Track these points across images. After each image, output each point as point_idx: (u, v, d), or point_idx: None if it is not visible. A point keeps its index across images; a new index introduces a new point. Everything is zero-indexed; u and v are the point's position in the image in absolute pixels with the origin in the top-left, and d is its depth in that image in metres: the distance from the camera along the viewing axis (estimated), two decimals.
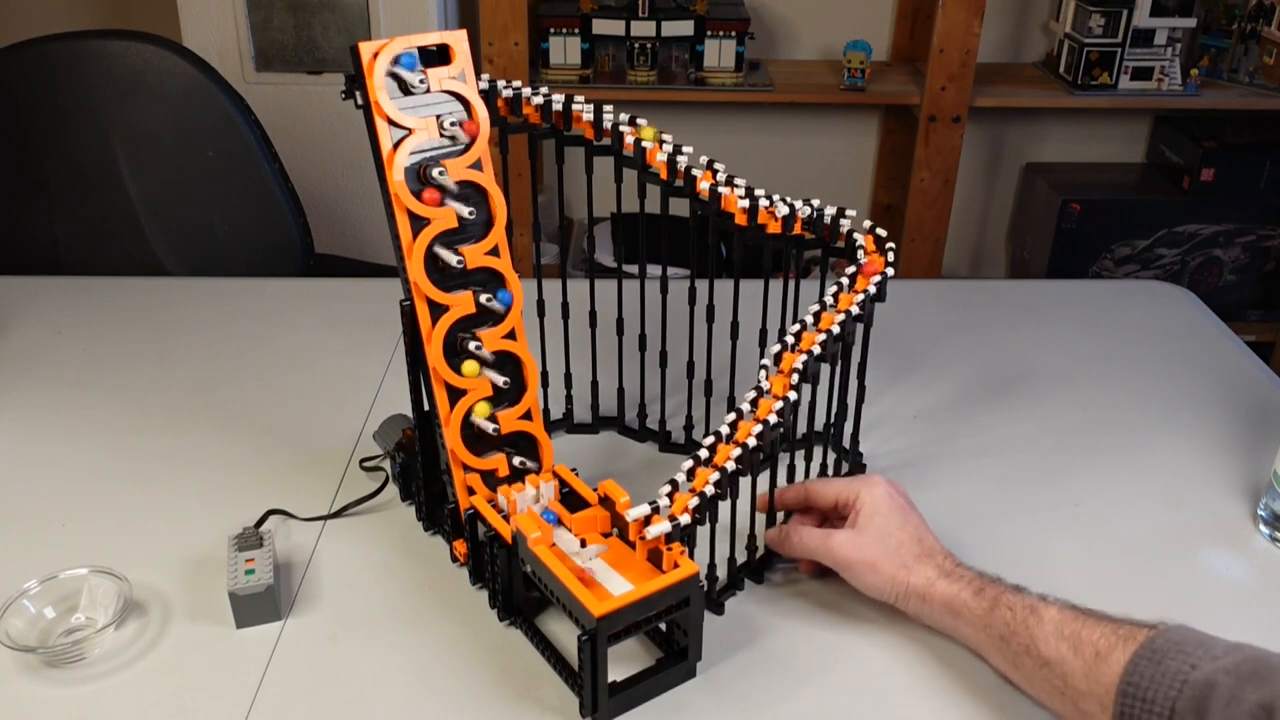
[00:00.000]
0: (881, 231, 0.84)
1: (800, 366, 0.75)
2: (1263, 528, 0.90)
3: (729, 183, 0.83)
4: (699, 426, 0.99)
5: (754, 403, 0.75)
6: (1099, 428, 1.04)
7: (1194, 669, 0.61)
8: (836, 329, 0.78)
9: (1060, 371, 1.13)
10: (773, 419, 0.74)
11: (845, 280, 0.81)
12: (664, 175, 0.84)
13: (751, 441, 0.73)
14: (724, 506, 0.75)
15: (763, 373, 0.77)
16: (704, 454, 0.74)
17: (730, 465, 0.72)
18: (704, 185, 0.83)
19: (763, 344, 0.89)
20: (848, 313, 0.79)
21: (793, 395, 0.74)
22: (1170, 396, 1.09)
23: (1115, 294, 1.36)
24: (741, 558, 0.83)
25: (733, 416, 0.75)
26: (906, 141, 2.31)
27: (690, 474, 0.73)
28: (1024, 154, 2.46)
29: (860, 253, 0.82)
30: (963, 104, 2.08)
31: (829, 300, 0.80)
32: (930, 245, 2.21)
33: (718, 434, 0.75)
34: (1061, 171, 2.39)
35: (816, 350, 0.76)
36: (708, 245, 0.87)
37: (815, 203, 0.83)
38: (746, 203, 0.81)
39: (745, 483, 0.77)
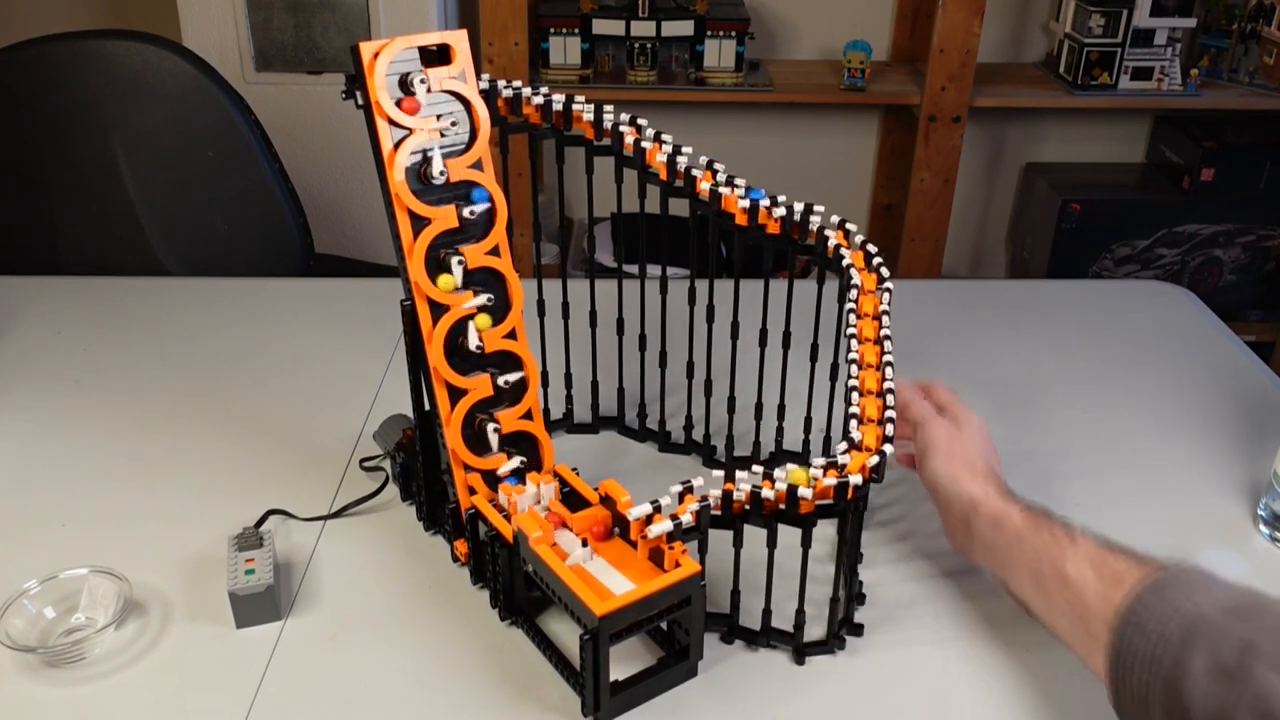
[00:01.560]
0: (871, 247, 0.83)
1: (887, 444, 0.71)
2: (1263, 528, 0.90)
3: (729, 183, 0.83)
4: (698, 426, 0.99)
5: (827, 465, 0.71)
6: (1099, 428, 1.04)
7: (1191, 603, 0.62)
8: (889, 361, 0.76)
9: (1060, 371, 1.13)
10: (806, 491, 0.69)
11: (853, 306, 0.80)
12: (664, 175, 0.84)
13: (769, 494, 0.70)
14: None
15: (853, 422, 0.73)
16: (744, 475, 0.71)
17: (739, 495, 0.70)
18: (704, 185, 0.83)
19: (763, 344, 0.89)
20: (882, 337, 0.78)
21: (856, 479, 0.69)
22: (1170, 396, 1.09)
23: (1115, 294, 1.36)
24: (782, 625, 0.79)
25: (791, 468, 0.71)
26: (906, 141, 2.31)
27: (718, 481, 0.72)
28: (1024, 154, 2.46)
29: (847, 263, 0.81)
30: (963, 104, 2.08)
31: (853, 332, 0.79)
32: (930, 245, 2.21)
33: (769, 470, 0.71)
34: (1061, 171, 2.39)
35: (893, 404, 0.74)
36: (708, 245, 0.86)
37: (798, 206, 0.82)
38: (747, 203, 0.81)
39: (796, 544, 0.73)
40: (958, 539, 0.81)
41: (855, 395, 0.74)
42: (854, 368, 0.76)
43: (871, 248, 0.83)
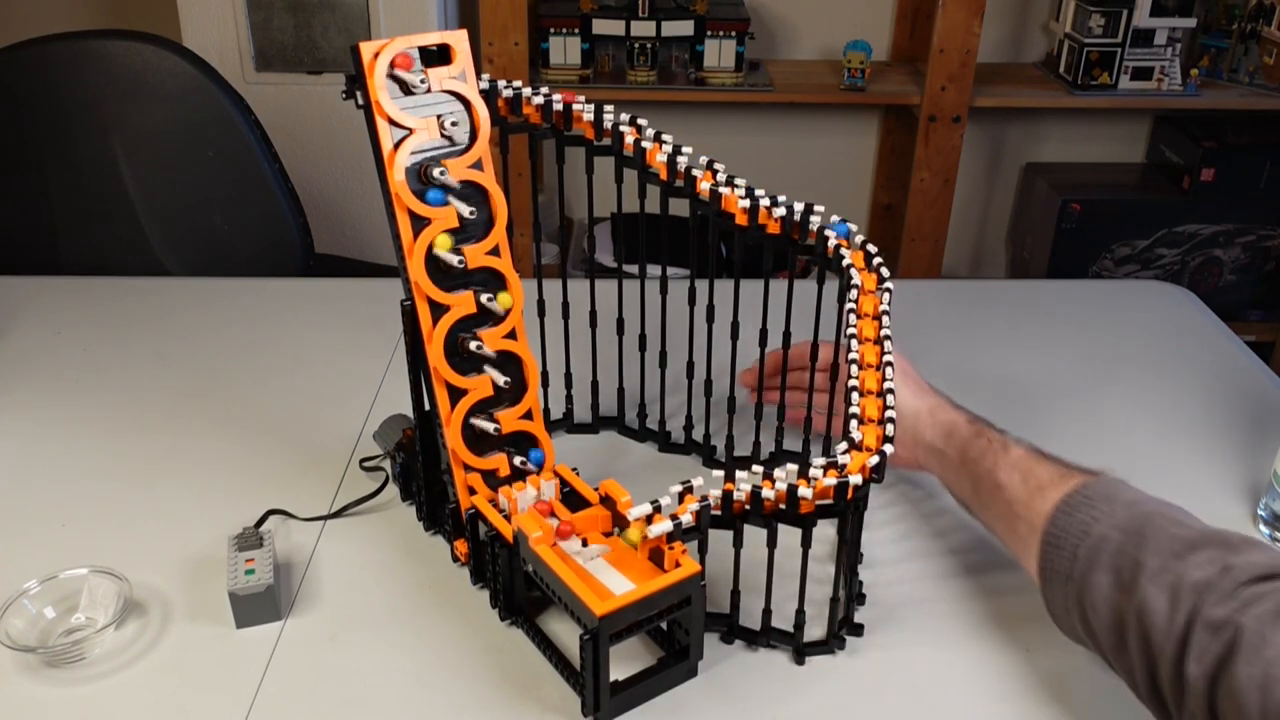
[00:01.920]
0: (871, 247, 0.83)
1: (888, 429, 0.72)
2: (1263, 528, 0.90)
3: (729, 183, 0.83)
4: (698, 426, 0.99)
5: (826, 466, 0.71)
6: (1099, 428, 1.04)
7: (1096, 522, 0.69)
8: (888, 357, 0.76)
9: (1060, 371, 1.13)
10: (806, 491, 0.69)
11: (852, 306, 0.80)
12: (664, 175, 0.84)
13: (769, 494, 0.69)
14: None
15: (853, 422, 0.73)
16: (744, 474, 0.71)
17: (740, 495, 0.70)
18: (704, 185, 0.83)
19: (763, 344, 0.89)
20: (882, 337, 0.77)
21: (856, 479, 0.69)
22: (1170, 396, 1.09)
23: (1115, 294, 1.36)
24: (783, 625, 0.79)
25: (793, 468, 0.71)
26: (906, 141, 2.31)
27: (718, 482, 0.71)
28: (1024, 154, 2.46)
29: (847, 263, 0.80)
30: (963, 104, 2.08)
31: (853, 332, 0.79)
32: (930, 245, 2.21)
33: (769, 470, 0.71)
34: (1061, 171, 2.39)
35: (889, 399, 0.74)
36: (708, 245, 0.86)
37: (799, 205, 0.82)
38: (747, 203, 0.81)
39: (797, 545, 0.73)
40: (903, 451, 0.87)
41: (855, 395, 0.74)
42: (854, 368, 0.76)
43: (871, 248, 0.83)
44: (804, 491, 0.69)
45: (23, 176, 1.54)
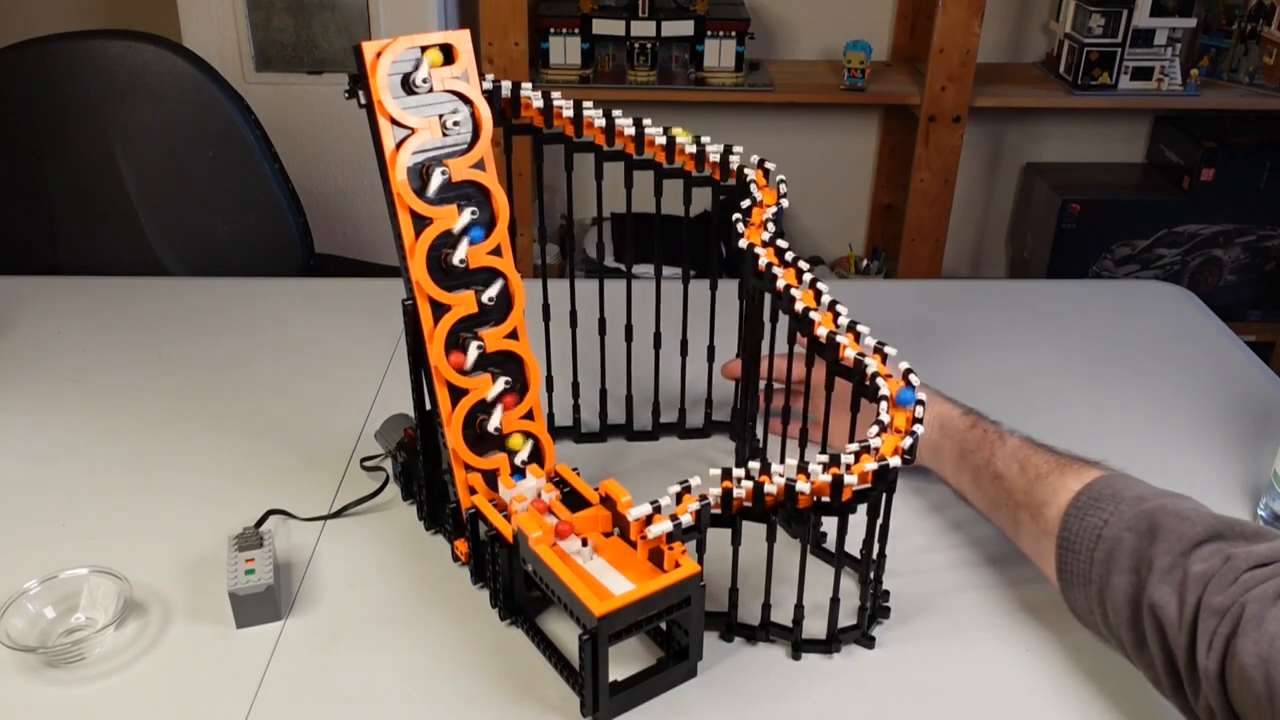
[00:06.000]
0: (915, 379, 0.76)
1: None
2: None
3: (851, 328, 0.76)
4: (719, 409, 0.99)
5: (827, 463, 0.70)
6: (1099, 428, 1.04)
7: (1106, 525, 0.70)
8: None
9: (1060, 371, 1.13)
10: (802, 483, 0.68)
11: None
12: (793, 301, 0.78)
13: (773, 487, 0.69)
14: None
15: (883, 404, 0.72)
16: (741, 472, 0.71)
17: (740, 491, 0.70)
18: (822, 330, 0.76)
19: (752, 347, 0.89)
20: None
21: (849, 478, 0.69)
22: (1170, 396, 1.09)
23: (1115, 294, 1.36)
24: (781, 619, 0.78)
25: (790, 463, 0.70)
26: (906, 141, 2.31)
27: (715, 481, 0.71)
28: (1024, 154, 2.46)
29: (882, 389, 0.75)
30: (963, 104, 2.08)
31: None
32: (930, 245, 2.21)
33: (766, 464, 0.70)
34: (1061, 171, 2.39)
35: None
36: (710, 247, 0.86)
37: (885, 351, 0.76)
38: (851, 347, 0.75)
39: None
40: None
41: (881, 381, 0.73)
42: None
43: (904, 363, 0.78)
44: (802, 486, 0.68)
45: (23, 176, 1.54)
